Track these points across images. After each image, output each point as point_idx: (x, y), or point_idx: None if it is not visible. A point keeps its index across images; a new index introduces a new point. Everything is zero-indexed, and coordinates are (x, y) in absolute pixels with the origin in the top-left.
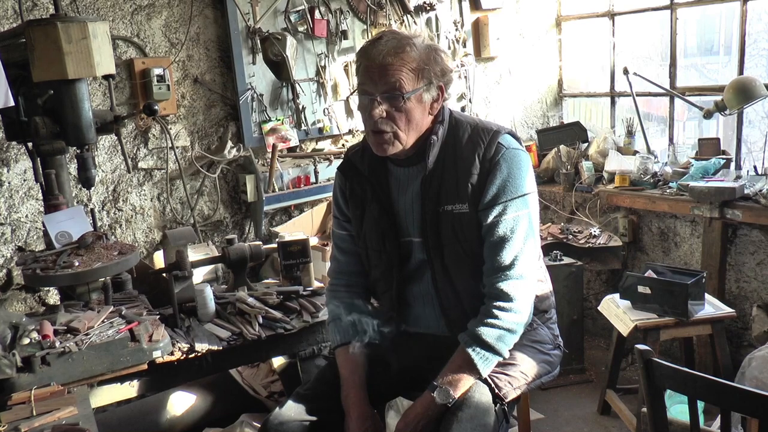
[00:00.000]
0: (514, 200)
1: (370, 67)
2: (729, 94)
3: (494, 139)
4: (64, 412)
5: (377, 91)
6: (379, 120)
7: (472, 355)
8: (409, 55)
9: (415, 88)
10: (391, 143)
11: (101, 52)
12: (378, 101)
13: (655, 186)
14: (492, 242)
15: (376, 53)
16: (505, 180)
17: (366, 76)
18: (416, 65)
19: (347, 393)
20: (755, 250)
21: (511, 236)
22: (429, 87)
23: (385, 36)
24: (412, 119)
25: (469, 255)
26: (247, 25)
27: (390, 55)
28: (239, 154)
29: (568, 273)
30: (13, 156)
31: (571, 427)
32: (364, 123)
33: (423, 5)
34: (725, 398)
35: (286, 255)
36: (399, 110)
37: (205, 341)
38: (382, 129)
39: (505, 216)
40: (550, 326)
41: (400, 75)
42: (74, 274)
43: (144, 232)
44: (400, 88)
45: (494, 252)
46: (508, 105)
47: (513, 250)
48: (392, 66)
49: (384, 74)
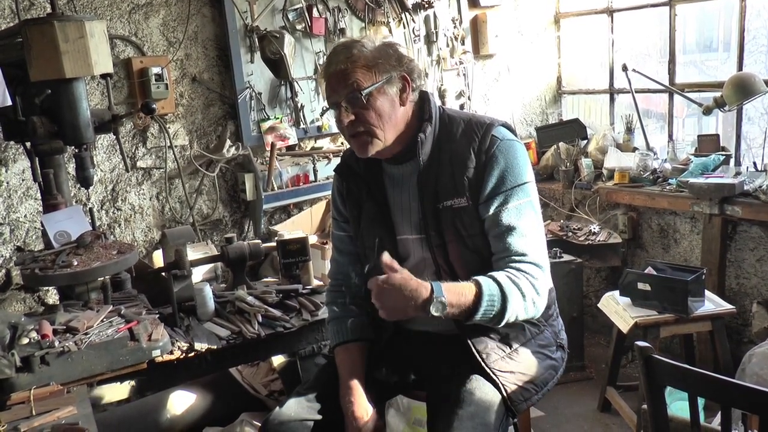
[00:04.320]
0: (514, 189)
1: (329, 79)
2: (728, 90)
3: (488, 132)
4: (63, 411)
5: (340, 97)
6: (349, 124)
7: (483, 294)
8: (359, 55)
9: (374, 82)
10: (370, 142)
11: (99, 51)
12: (344, 106)
13: (654, 183)
14: (498, 233)
15: (330, 66)
16: (503, 171)
17: (328, 88)
18: (368, 62)
19: (346, 392)
20: (755, 246)
21: (518, 224)
22: (390, 79)
23: (336, 49)
24: (382, 114)
25: (472, 248)
26: (245, 24)
27: (341, 62)
28: (238, 153)
29: (568, 270)
30: (11, 156)
31: (571, 424)
32: (342, 134)
33: (421, 3)
34: (725, 395)
35: (286, 253)
36: (365, 108)
37: (205, 340)
38: (356, 131)
39: (507, 206)
40: (552, 324)
41: (355, 75)
42: (73, 274)
43: (143, 231)
44: (357, 88)
45: (503, 241)
46: (507, 102)
47: (523, 238)
48: (346, 70)
49: (341, 80)
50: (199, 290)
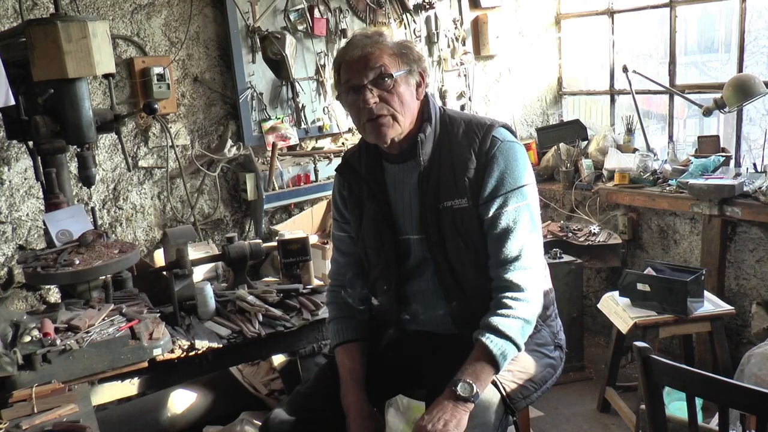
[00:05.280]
0: (513, 192)
1: (352, 62)
2: (728, 91)
3: (489, 133)
4: (64, 409)
5: (365, 79)
6: (374, 106)
7: (490, 347)
8: (385, 42)
9: (399, 70)
10: (390, 125)
11: (101, 51)
12: (369, 88)
13: (654, 183)
14: (495, 235)
15: (354, 50)
16: (502, 172)
17: (350, 71)
18: (394, 51)
19: (346, 392)
20: (755, 247)
21: (515, 227)
22: (411, 71)
23: (356, 37)
24: (404, 101)
25: (471, 248)
26: (247, 24)
27: (368, 46)
28: (239, 153)
29: (568, 271)
30: (14, 155)
31: (570, 424)
32: (358, 118)
33: (422, 3)
34: (724, 395)
35: (286, 253)
36: (390, 92)
37: (206, 339)
38: (379, 113)
39: (506, 208)
40: (550, 324)
41: (383, 60)
42: (75, 273)
43: (144, 230)
44: (387, 71)
45: (499, 245)
46: (508, 103)
47: (518, 241)
48: (373, 54)
49: (367, 63)
50: (200, 289)
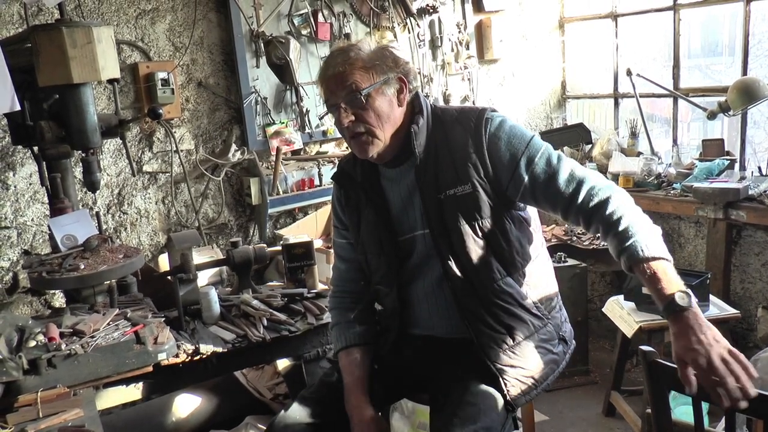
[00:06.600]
0: (527, 148)
1: (328, 82)
2: (733, 94)
3: (482, 116)
4: (70, 414)
5: (339, 98)
6: (349, 125)
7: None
8: (357, 58)
9: (372, 83)
10: (370, 142)
11: (106, 56)
12: (343, 107)
13: (659, 187)
14: (544, 187)
15: (328, 69)
16: (509, 140)
17: (327, 90)
18: (365, 64)
19: (350, 396)
20: (760, 251)
21: (553, 167)
22: (387, 80)
23: (332, 53)
24: (381, 114)
25: (482, 236)
26: (251, 29)
27: (339, 65)
28: (243, 158)
29: (573, 274)
30: (19, 160)
31: (575, 428)
32: (342, 135)
33: (426, 8)
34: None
35: (291, 257)
36: (364, 108)
37: (210, 343)
38: (356, 131)
39: (534, 162)
40: (554, 316)
41: (354, 77)
42: (80, 277)
43: (149, 235)
44: (356, 89)
45: (556, 190)
46: (512, 107)
47: (565, 172)
48: (344, 72)
49: (339, 82)
50: (204, 294)
